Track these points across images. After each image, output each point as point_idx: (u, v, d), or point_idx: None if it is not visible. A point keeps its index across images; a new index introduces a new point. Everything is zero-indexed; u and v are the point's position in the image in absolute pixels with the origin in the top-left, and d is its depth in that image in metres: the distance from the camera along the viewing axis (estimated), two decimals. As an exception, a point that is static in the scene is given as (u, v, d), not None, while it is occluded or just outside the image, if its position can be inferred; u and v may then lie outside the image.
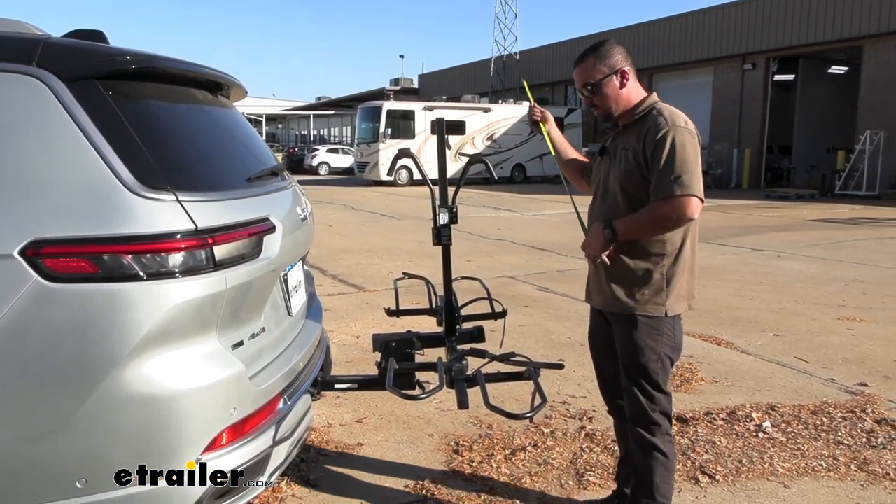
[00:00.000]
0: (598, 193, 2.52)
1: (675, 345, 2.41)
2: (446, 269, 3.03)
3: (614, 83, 2.39)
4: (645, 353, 2.35)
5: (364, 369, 4.35)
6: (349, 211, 16.13)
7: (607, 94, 2.40)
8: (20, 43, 1.89)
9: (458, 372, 2.59)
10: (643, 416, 2.39)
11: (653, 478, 2.39)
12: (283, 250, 2.26)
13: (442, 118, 3.18)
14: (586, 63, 2.42)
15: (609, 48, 2.41)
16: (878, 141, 21.36)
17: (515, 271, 8.25)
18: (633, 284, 2.36)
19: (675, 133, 2.24)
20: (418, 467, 3.16)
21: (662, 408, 2.39)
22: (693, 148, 2.25)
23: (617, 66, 2.39)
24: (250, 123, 2.84)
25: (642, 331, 2.36)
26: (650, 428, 2.39)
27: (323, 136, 62.48)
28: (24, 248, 1.70)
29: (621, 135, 2.45)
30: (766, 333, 5.50)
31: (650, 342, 2.36)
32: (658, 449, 2.38)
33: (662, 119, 2.29)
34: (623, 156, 2.38)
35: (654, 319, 2.36)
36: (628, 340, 2.39)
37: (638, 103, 2.41)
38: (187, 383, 1.84)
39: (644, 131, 2.31)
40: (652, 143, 2.26)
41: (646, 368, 2.36)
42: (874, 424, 3.64)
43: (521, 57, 37.26)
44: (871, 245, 10.71)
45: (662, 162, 2.23)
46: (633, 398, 2.40)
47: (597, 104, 2.44)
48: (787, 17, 24.44)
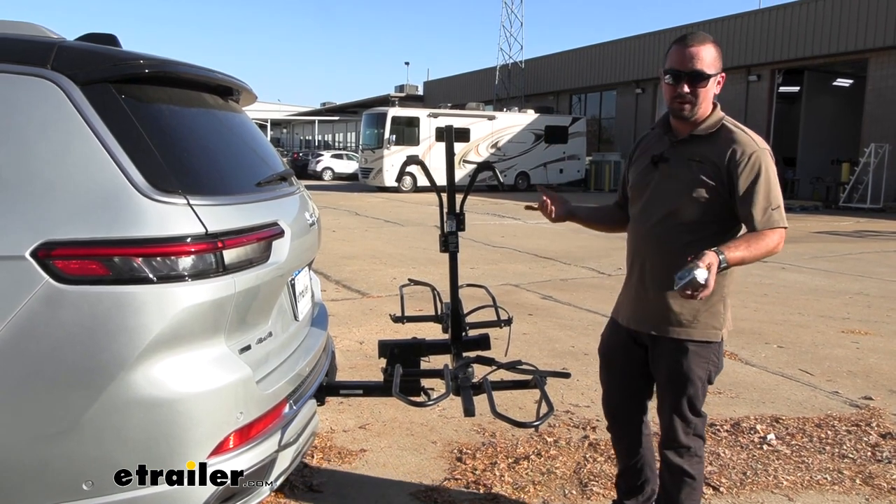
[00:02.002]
0: (651, 205, 2.33)
1: (718, 368, 2.34)
2: (453, 276, 3.04)
3: (714, 84, 2.23)
4: (694, 382, 2.27)
5: (367, 375, 4.34)
6: (353, 217, 16.15)
7: (707, 91, 2.20)
8: (35, 46, 1.91)
9: (464, 379, 2.59)
10: (675, 440, 2.34)
11: (678, 498, 2.37)
12: (292, 255, 2.26)
13: (451, 125, 3.19)
14: (707, 49, 2.17)
15: (718, 44, 2.23)
16: (883, 154, 21.36)
17: (519, 279, 8.25)
18: (691, 305, 2.21)
19: (764, 158, 2.16)
20: (421, 474, 3.16)
21: (697, 431, 2.34)
22: (776, 173, 2.21)
23: (720, 69, 2.23)
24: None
25: (692, 359, 2.26)
26: (679, 451, 2.34)
27: (327, 141, 62.59)
28: (35, 250, 1.71)
29: (685, 144, 2.27)
30: (771, 345, 5.49)
31: (699, 371, 2.27)
32: (686, 472, 2.34)
33: (748, 138, 2.19)
34: (695, 168, 2.22)
35: (706, 346, 2.26)
36: (676, 369, 2.28)
37: (709, 115, 2.26)
38: (195, 386, 1.84)
39: (727, 149, 2.18)
40: (742, 164, 2.15)
41: (690, 396, 2.29)
42: (879, 438, 3.63)
43: (526, 65, 37.35)
44: (875, 258, 10.69)
45: (763, 190, 2.14)
46: (669, 422, 2.34)
47: (687, 94, 2.19)
48: (793, 30, 24.50)
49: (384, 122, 26.06)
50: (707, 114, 2.26)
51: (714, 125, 2.25)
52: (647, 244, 2.35)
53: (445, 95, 39.86)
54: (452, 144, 3.10)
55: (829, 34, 23.40)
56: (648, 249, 2.35)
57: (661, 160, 2.31)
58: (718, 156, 2.19)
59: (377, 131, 26.50)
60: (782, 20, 24.86)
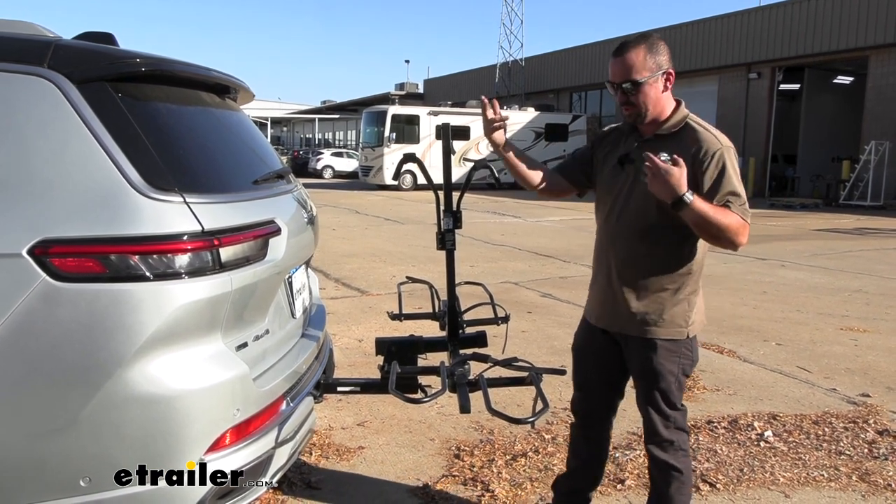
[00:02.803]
0: (618, 204, 2.32)
1: (692, 361, 2.36)
2: (450, 273, 3.05)
3: (658, 85, 2.19)
4: (665, 377, 2.29)
5: (366, 373, 4.35)
6: (353, 215, 16.16)
7: (649, 95, 2.18)
8: (31, 45, 1.91)
9: (460, 376, 2.60)
10: (656, 435, 2.35)
11: (668, 492, 2.37)
12: (288, 253, 2.27)
13: (447, 123, 3.19)
14: (635, 54, 2.15)
15: (658, 43, 2.19)
16: (884, 151, 21.34)
17: (519, 277, 8.26)
18: (657, 305, 2.25)
19: (728, 156, 2.16)
20: (419, 471, 3.17)
21: (678, 424, 2.35)
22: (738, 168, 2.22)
23: (664, 67, 2.18)
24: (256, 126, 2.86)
25: (661, 355, 2.28)
26: (662, 445, 2.35)
27: (328, 139, 62.57)
28: (32, 248, 1.72)
29: (650, 145, 2.24)
30: (769, 343, 5.50)
31: (669, 366, 2.29)
32: (672, 466, 2.35)
33: (711, 136, 2.19)
34: None
35: (675, 343, 2.29)
36: (647, 366, 2.31)
37: (672, 113, 2.25)
38: (192, 384, 1.85)
39: (691, 148, 2.17)
40: (706, 163, 2.15)
41: (665, 391, 2.31)
42: (876, 435, 3.64)
43: (527, 63, 37.32)
44: (875, 255, 10.69)
45: (724, 186, 2.14)
46: (649, 418, 2.36)
47: (632, 103, 2.20)
48: (793, 27, 24.46)
49: (384, 121, 26.06)
50: (667, 113, 2.24)
51: (677, 124, 2.24)
52: (615, 245, 2.34)
53: (446, 93, 39.82)
54: (449, 142, 3.10)
55: (830, 32, 23.36)
56: (616, 250, 2.34)
57: (627, 161, 2.31)
58: (683, 155, 2.14)
59: (377, 129, 26.49)
60: (783, 18, 24.82)
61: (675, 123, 2.24)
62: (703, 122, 2.26)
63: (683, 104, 2.28)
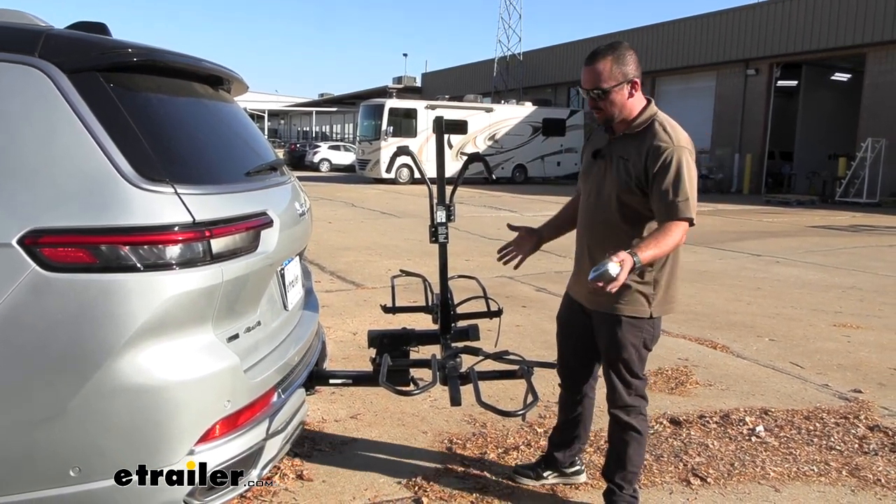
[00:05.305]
0: (592, 195, 2.58)
1: (653, 337, 2.58)
2: (442, 266, 3.05)
3: (624, 92, 2.41)
4: (627, 348, 2.53)
5: (361, 366, 4.36)
6: (349, 208, 16.14)
7: (615, 101, 2.41)
8: (23, 34, 1.91)
9: (451, 369, 2.61)
10: (619, 400, 2.58)
11: (627, 451, 2.60)
12: (281, 245, 2.27)
13: (441, 117, 3.19)
14: (602, 65, 2.38)
15: (626, 53, 2.39)
16: (880, 149, 21.38)
17: (514, 271, 8.25)
18: (623, 288, 2.38)
19: (679, 154, 2.33)
20: (412, 464, 3.18)
21: (639, 391, 2.59)
22: (693, 169, 2.37)
23: (630, 76, 2.40)
24: (252, 119, 2.85)
25: (626, 329, 2.51)
26: (627, 410, 2.59)
27: (325, 132, 62.45)
28: (22, 238, 1.71)
29: (618, 142, 2.49)
30: (762, 338, 5.51)
31: (633, 339, 2.52)
32: (633, 428, 2.59)
33: (666, 136, 2.36)
34: (622, 165, 2.44)
35: (639, 320, 2.51)
36: (612, 336, 2.54)
37: (639, 113, 2.45)
38: (182, 374, 1.85)
39: (647, 146, 2.37)
40: (656, 160, 2.33)
41: (627, 360, 2.55)
42: (867, 431, 3.65)
43: (525, 58, 37.27)
44: (870, 252, 10.72)
45: (670, 183, 2.31)
46: (612, 385, 2.59)
47: (601, 108, 2.44)
48: (791, 24, 24.46)
49: (381, 114, 25.99)
50: (635, 114, 2.45)
51: (643, 123, 2.44)
52: (589, 229, 2.62)
53: (443, 87, 39.78)
54: (443, 136, 3.10)
55: (828, 29, 23.36)
56: (589, 234, 2.62)
57: (599, 156, 2.56)
58: (640, 152, 2.38)
59: (374, 123, 26.43)
60: (781, 14, 24.81)
61: (641, 122, 2.45)
62: (669, 121, 2.44)
63: (652, 103, 2.50)
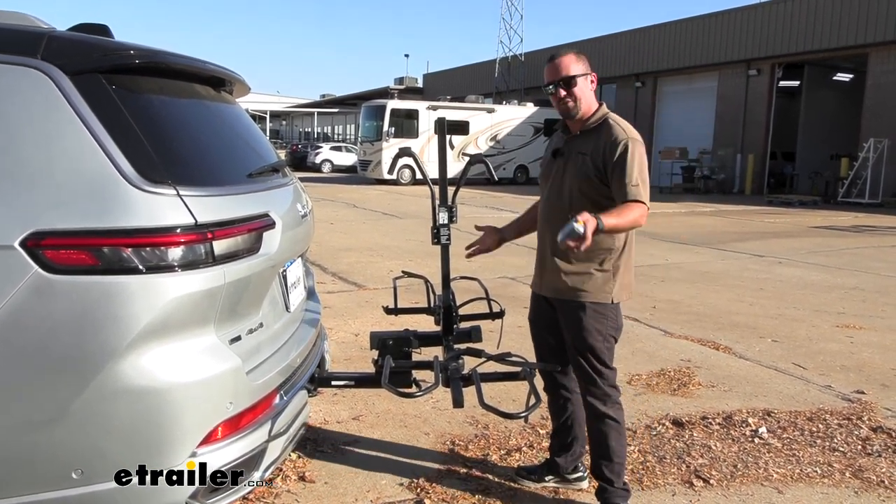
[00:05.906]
0: (552, 193, 2.74)
1: (617, 326, 2.71)
2: (445, 268, 3.05)
3: (587, 83, 2.63)
4: (592, 333, 2.64)
5: (362, 367, 4.35)
6: (351, 209, 16.15)
7: (579, 89, 2.60)
8: (25, 36, 1.90)
9: (454, 371, 2.60)
10: (595, 390, 2.68)
11: (608, 442, 2.68)
12: (283, 246, 2.27)
13: (443, 118, 3.19)
14: (566, 59, 2.61)
15: (581, 54, 2.66)
16: (882, 149, 21.35)
17: (516, 272, 8.26)
18: (585, 275, 2.63)
19: (632, 145, 2.52)
20: (414, 465, 3.17)
21: (610, 381, 2.69)
22: (645, 160, 2.58)
23: (589, 70, 2.65)
24: (254, 120, 2.85)
25: (590, 315, 2.64)
26: (602, 399, 2.68)
27: (327, 133, 62.48)
28: (24, 240, 1.71)
29: (576, 140, 2.68)
30: (765, 339, 5.51)
31: (597, 325, 2.65)
32: (610, 417, 2.68)
33: (620, 129, 2.57)
34: (581, 160, 2.62)
35: (602, 306, 2.65)
36: (577, 324, 2.66)
37: (594, 112, 2.66)
38: (184, 376, 1.85)
39: (604, 140, 2.56)
40: (614, 151, 2.52)
41: (594, 348, 2.65)
42: (870, 432, 3.64)
43: (526, 58, 37.23)
44: (872, 253, 10.70)
45: (626, 170, 2.49)
46: (585, 374, 2.69)
47: (566, 98, 2.61)
48: (793, 24, 24.43)
49: (383, 115, 26.00)
50: (590, 112, 2.65)
51: (597, 121, 2.64)
52: (548, 223, 2.73)
53: (445, 88, 39.76)
54: (445, 137, 3.10)
55: (830, 29, 23.34)
56: (549, 227, 2.70)
57: (558, 154, 2.74)
58: (597, 147, 2.57)
59: (376, 123, 26.44)
60: (783, 14, 24.79)
61: (595, 120, 2.65)
62: (620, 119, 2.65)
63: (605, 105, 2.70)
